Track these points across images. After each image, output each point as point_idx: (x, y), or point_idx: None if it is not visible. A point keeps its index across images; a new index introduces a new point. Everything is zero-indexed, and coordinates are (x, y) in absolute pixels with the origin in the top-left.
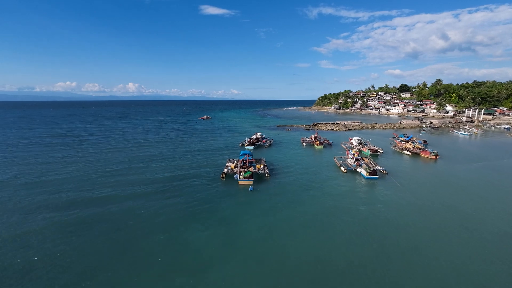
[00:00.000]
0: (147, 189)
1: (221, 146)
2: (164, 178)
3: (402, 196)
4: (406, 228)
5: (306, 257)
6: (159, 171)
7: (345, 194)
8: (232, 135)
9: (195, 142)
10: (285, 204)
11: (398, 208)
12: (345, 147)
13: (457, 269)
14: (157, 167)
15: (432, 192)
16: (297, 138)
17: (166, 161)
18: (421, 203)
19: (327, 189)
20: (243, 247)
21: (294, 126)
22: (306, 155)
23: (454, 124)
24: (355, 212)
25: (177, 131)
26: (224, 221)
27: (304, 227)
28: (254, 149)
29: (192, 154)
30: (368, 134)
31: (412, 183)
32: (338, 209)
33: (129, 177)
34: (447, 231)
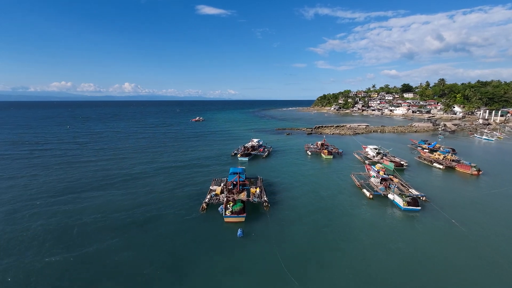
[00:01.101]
0: (85, 239)
1: (209, 157)
2: (122, 209)
3: (468, 244)
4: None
5: None
6: (117, 199)
7: (380, 243)
8: (225, 141)
9: (179, 151)
10: (296, 265)
11: (472, 267)
12: (360, 158)
13: None
14: (115, 194)
15: (501, 235)
16: (299, 145)
17: (133, 183)
18: (497, 257)
19: (354, 232)
20: None
21: (295, 130)
22: (314, 170)
23: (470, 127)
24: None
25: (162, 137)
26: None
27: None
28: (250, 160)
29: (171, 170)
30: (378, 139)
31: (468, 217)
32: (377, 274)
33: (64, 218)
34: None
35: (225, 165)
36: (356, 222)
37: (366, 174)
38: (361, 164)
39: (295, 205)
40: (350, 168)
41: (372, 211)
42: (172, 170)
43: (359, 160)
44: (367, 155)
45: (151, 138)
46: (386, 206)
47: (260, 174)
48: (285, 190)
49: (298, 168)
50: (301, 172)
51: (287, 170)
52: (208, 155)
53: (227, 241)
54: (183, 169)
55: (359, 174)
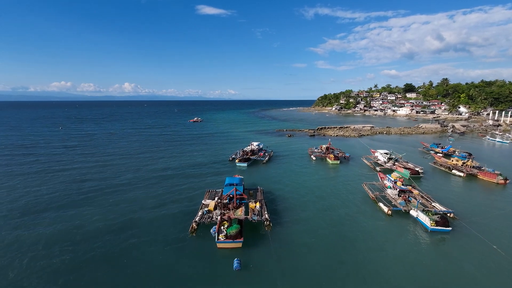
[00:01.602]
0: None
1: (205, 163)
2: (93, 236)
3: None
4: None
5: None
6: (89, 221)
7: (410, 278)
8: (222, 144)
9: (173, 156)
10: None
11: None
12: (370, 164)
13: None
14: (88, 214)
15: None
16: (302, 148)
17: (113, 197)
18: None
19: (374, 264)
20: None
21: (296, 131)
22: (319, 178)
23: (480, 129)
24: None
25: (156, 139)
26: None
27: None
28: (249, 166)
29: (160, 180)
30: (385, 142)
31: (509, 239)
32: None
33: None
34: None
35: (222, 173)
36: (375, 248)
37: (380, 184)
38: (372, 172)
39: (301, 224)
40: (360, 175)
41: (393, 232)
42: (162, 180)
43: (368, 166)
44: (377, 160)
45: (144, 141)
46: (409, 225)
47: (260, 183)
48: (289, 204)
49: (302, 175)
50: (305, 181)
51: (290, 178)
52: (203, 160)
53: (220, 277)
54: (174, 178)
55: (372, 184)
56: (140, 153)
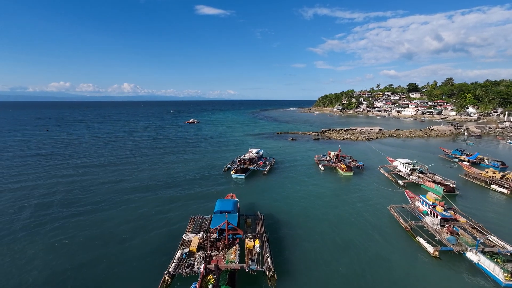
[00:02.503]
0: None
1: (195, 174)
2: None
3: None
4: None
5: None
6: (38, 258)
7: None
8: (218, 150)
9: (159, 165)
10: None
11: None
12: (389, 176)
13: None
14: (28, 258)
15: None
16: (307, 155)
17: (72, 226)
18: None
19: None
20: None
21: (299, 134)
22: (332, 194)
23: (497, 131)
24: None
25: (145, 144)
26: None
27: None
28: (247, 178)
29: (136, 200)
30: (397, 147)
31: None
32: None
33: None
34: None
35: (213, 189)
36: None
37: (411, 207)
38: (394, 187)
39: (317, 273)
40: (381, 192)
41: (443, 283)
42: (138, 200)
43: (388, 179)
44: (398, 171)
45: (130, 147)
46: (468, 275)
47: (260, 203)
48: (298, 237)
49: (310, 192)
50: (316, 200)
51: (296, 195)
52: (194, 171)
53: None
54: (154, 198)
55: (402, 207)
56: (121, 163)
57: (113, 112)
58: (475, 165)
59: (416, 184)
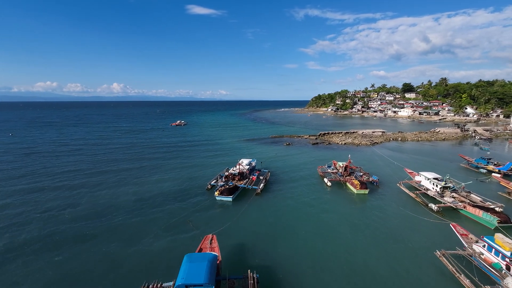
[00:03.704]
0: None
1: (170, 194)
2: None
3: None
4: None
5: None
6: None
7: None
8: (203, 159)
9: (128, 180)
10: None
11: None
12: (415, 196)
13: None
14: None
15: None
16: (307, 164)
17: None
18: None
19: None
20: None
21: (295, 137)
22: (351, 229)
23: (506, 133)
24: None
25: (119, 153)
26: None
27: None
28: (235, 201)
29: (78, 241)
30: (407, 153)
31: None
32: None
33: None
34: None
35: (188, 223)
36: None
37: (470, 253)
38: (426, 213)
39: None
40: (411, 221)
41: None
42: (79, 243)
43: (414, 200)
44: (425, 189)
45: (100, 156)
46: None
47: (252, 251)
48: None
49: (321, 223)
50: (331, 239)
51: (302, 232)
52: (169, 188)
53: None
54: (102, 239)
55: (457, 253)
56: (80, 180)
57: (96, 113)
58: (507, 176)
59: (452, 209)
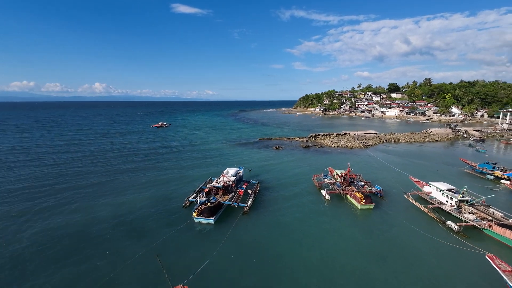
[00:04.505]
0: None
1: (140, 213)
2: None
3: None
4: None
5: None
6: None
7: None
8: (184, 168)
9: (90, 200)
10: None
11: None
12: (428, 211)
13: None
14: None
15: None
16: (301, 172)
17: None
18: None
19: None
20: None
21: (284, 140)
22: (364, 261)
23: (496, 134)
24: None
25: (89, 160)
26: None
27: None
28: (218, 223)
29: None
30: (404, 156)
31: None
32: None
33: None
34: None
35: (160, 250)
36: None
37: None
38: (446, 234)
39: None
40: (432, 246)
41: None
42: None
43: (427, 216)
44: (438, 203)
45: (62, 167)
46: None
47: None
48: None
49: (320, 249)
50: (333, 273)
51: (297, 263)
52: (138, 209)
53: None
54: None
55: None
56: (24, 203)
57: (72, 114)
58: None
59: (473, 227)
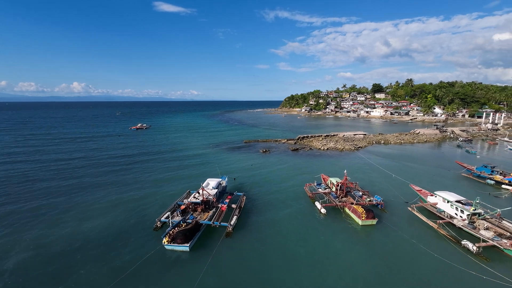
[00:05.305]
0: None
1: (97, 246)
2: None
3: None
4: None
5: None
6: None
7: None
8: (159, 180)
9: (36, 225)
10: None
11: None
12: (437, 227)
13: None
14: None
15: None
16: (291, 180)
17: None
18: None
19: None
20: None
21: (272, 142)
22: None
23: (481, 133)
24: None
25: (48, 170)
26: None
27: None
28: (195, 250)
29: None
30: (396, 159)
31: None
32: None
33: None
34: None
35: None
36: None
37: None
38: (464, 258)
39: None
40: (447, 271)
41: None
42: None
43: (436, 232)
44: (447, 217)
45: (15, 179)
46: None
47: None
48: None
49: (319, 281)
50: None
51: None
52: (97, 233)
53: None
54: None
55: None
56: None
57: (43, 116)
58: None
59: (492, 247)
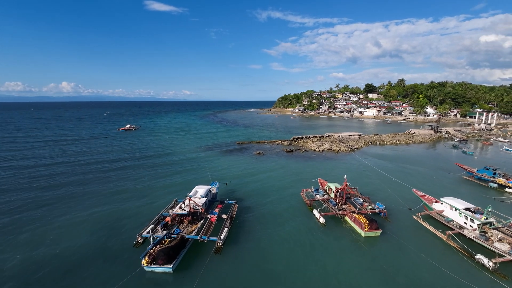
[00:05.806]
0: None
1: (66, 268)
2: None
3: None
4: None
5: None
6: None
7: None
8: (145, 188)
9: (9, 237)
10: None
11: None
12: (447, 238)
13: None
14: None
15: None
16: (286, 185)
17: None
18: None
19: None
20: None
21: (265, 143)
22: None
23: (475, 134)
24: None
25: (25, 177)
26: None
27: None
28: (179, 271)
29: None
30: (394, 161)
31: None
32: None
33: None
34: None
35: None
36: None
37: None
38: (480, 275)
39: None
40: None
41: None
42: None
43: (447, 245)
44: (457, 226)
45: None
46: None
47: None
48: None
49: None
50: None
51: None
52: (76, 249)
53: None
54: None
55: None
56: None
57: (27, 117)
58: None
59: (509, 262)
